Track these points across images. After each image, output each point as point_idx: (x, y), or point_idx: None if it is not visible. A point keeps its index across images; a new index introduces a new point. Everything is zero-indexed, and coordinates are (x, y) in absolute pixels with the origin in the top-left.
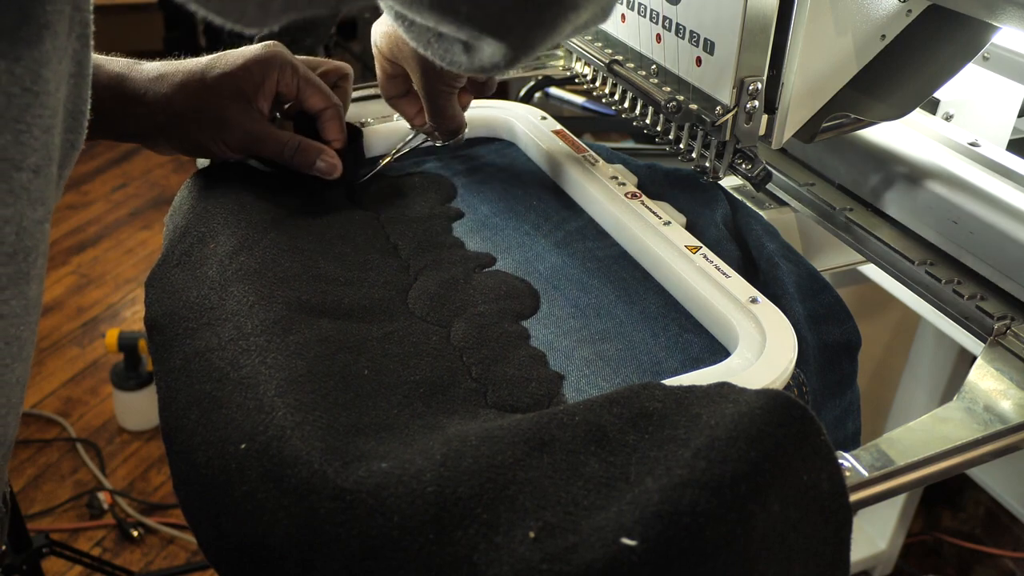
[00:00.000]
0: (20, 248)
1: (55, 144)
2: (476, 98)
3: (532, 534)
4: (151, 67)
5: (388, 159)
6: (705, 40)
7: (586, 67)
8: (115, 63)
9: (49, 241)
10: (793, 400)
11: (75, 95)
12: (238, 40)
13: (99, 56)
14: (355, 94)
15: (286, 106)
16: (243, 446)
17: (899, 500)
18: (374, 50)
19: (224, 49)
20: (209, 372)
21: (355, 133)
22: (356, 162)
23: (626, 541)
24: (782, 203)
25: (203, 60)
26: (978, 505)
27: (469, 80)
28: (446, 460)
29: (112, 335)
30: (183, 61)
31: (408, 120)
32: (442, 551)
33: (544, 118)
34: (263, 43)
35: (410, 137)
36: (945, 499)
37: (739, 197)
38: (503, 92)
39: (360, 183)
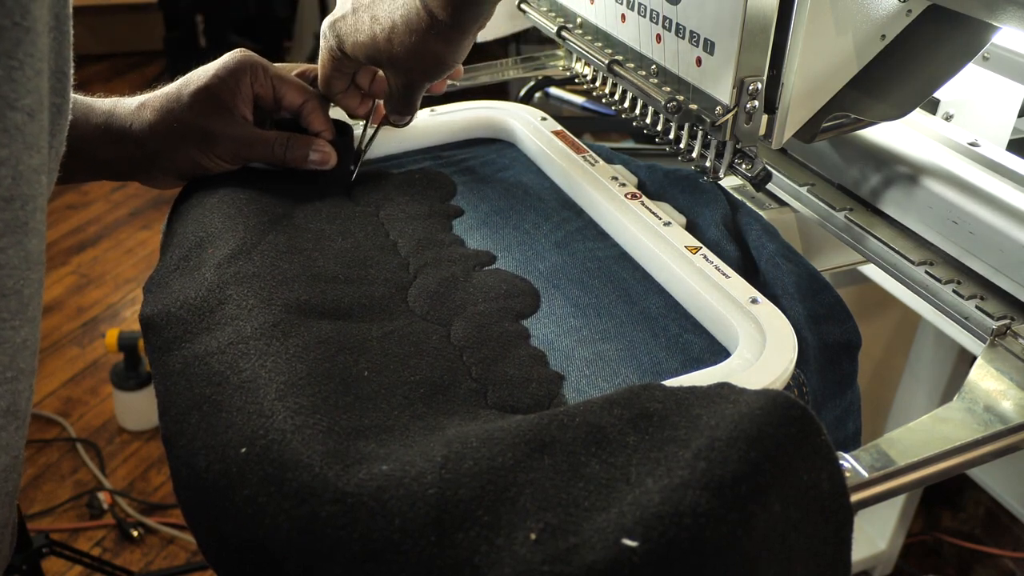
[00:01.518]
0: (17, 194)
1: (46, 95)
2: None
3: (533, 535)
4: (133, 99)
5: (362, 155)
6: (705, 40)
7: (586, 67)
8: (102, 103)
9: (50, 237)
10: (793, 400)
11: (56, 52)
12: (238, 43)
13: (88, 98)
14: None
15: (272, 120)
16: (243, 450)
17: (899, 500)
18: (335, 52)
19: (226, 50)
20: (209, 376)
21: (344, 127)
22: (349, 157)
23: (627, 542)
24: (782, 203)
25: (178, 81)
26: (978, 505)
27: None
28: (447, 462)
29: (112, 335)
30: (162, 88)
31: (350, 112)
32: (443, 553)
33: (544, 119)
34: (231, 52)
35: (367, 129)
36: (945, 499)
37: (739, 197)
38: (503, 93)
39: (353, 181)
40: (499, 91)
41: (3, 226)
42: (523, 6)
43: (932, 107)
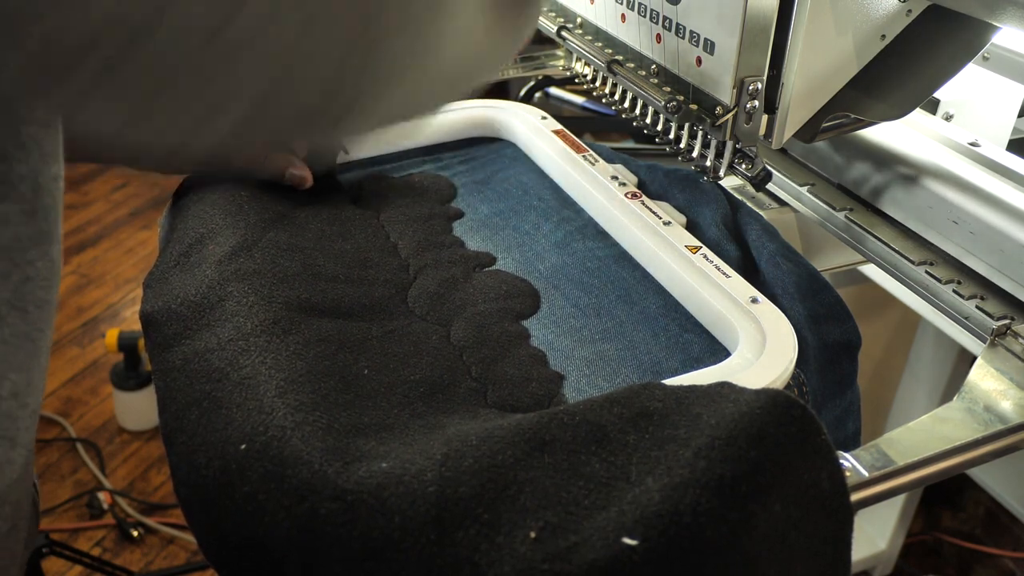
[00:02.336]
0: (39, 207)
1: None
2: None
3: (533, 534)
4: None
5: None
6: (705, 40)
7: (586, 67)
8: None
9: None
10: (793, 399)
11: None
12: None
13: None
14: None
15: None
16: (243, 447)
17: (899, 500)
18: None
19: None
20: (209, 372)
21: None
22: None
23: (627, 541)
24: (782, 203)
25: None
26: (978, 505)
27: None
28: (447, 460)
29: (112, 335)
30: None
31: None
32: (443, 551)
33: (544, 118)
34: None
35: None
36: (945, 499)
37: (739, 197)
38: (503, 92)
39: (353, 185)
40: (499, 91)
41: (29, 240)
42: None
43: (932, 107)
